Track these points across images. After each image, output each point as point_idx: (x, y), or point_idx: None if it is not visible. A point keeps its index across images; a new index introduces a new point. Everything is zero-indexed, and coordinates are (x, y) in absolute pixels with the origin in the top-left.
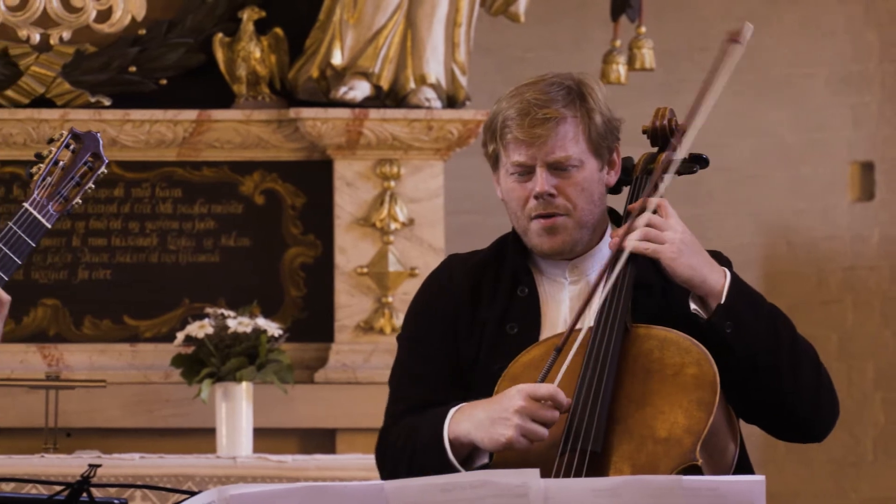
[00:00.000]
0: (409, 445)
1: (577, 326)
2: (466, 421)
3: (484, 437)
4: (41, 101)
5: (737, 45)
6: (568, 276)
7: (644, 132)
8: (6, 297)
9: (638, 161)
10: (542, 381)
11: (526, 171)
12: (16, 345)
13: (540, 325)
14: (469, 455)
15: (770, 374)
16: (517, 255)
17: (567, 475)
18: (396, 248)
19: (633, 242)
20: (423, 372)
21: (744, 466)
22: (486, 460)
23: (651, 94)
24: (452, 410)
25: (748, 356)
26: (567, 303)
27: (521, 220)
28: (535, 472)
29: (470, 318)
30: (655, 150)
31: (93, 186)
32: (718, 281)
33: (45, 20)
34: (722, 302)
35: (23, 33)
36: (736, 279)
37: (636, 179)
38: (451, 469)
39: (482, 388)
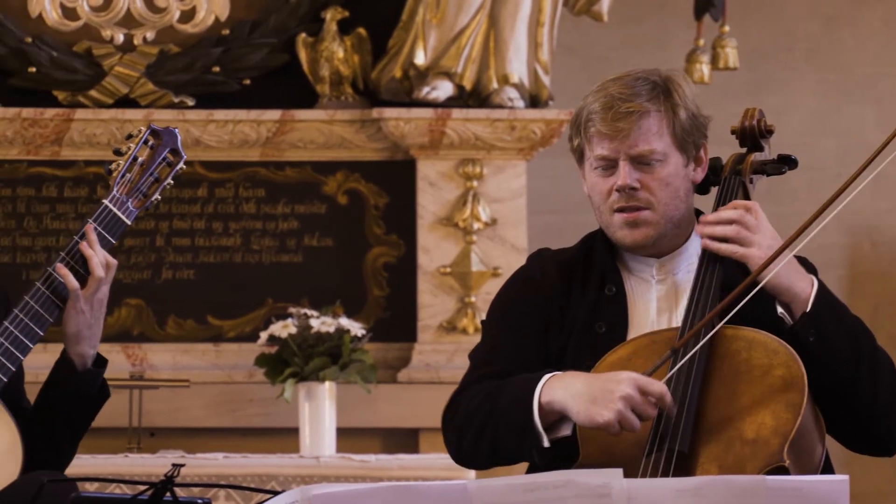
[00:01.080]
0: (487, 404)
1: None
2: (563, 389)
3: (580, 411)
4: (125, 102)
5: None
6: (655, 275)
7: (733, 132)
8: (113, 261)
9: (726, 161)
10: (650, 376)
11: (609, 165)
12: (100, 344)
13: (627, 324)
14: (554, 422)
15: (848, 386)
16: (605, 254)
17: (654, 475)
18: (479, 248)
19: (721, 245)
20: (508, 346)
21: (826, 467)
22: (568, 432)
23: (735, 93)
24: (547, 375)
25: (828, 366)
26: (654, 302)
27: (605, 213)
28: (619, 471)
29: (560, 313)
30: (744, 150)
31: (171, 182)
32: (805, 289)
33: (128, 20)
34: (807, 310)
35: (106, 34)
36: (822, 288)
37: (724, 180)
38: (531, 432)
39: None
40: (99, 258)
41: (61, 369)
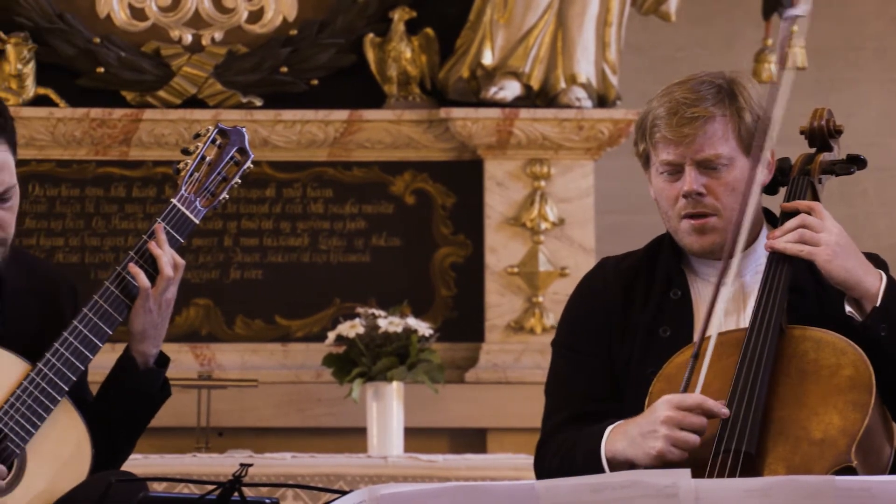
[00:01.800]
0: (566, 463)
1: (709, 331)
2: (621, 440)
3: (637, 453)
4: (193, 102)
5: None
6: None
7: (801, 133)
8: (181, 261)
9: (795, 162)
10: (684, 390)
11: (675, 171)
12: (168, 344)
13: (693, 328)
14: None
15: None
16: (671, 257)
17: (721, 476)
18: (547, 248)
19: (788, 244)
20: (580, 383)
21: (895, 467)
22: None
23: (803, 92)
24: (609, 429)
25: None
26: (721, 304)
27: (672, 219)
28: (686, 472)
29: (624, 322)
30: (813, 150)
31: (239, 182)
32: (874, 284)
33: (196, 21)
34: (878, 304)
35: (175, 34)
36: (892, 282)
37: (793, 181)
38: None
39: (636, 391)
40: (168, 257)
41: (124, 366)
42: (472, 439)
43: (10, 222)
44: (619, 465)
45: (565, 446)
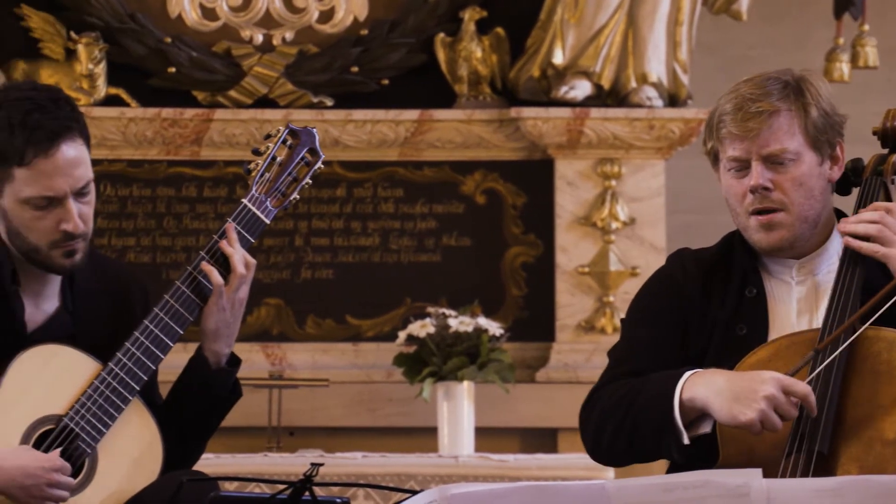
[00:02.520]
0: (626, 400)
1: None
2: (705, 386)
3: (722, 408)
4: (264, 102)
5: None
6: (795, 276)
7: (874, 133)
8: (252, 260)
9: (868, 162)
10: (792, 376)
11: (742, 166)
12: (240, 344)
13: (768, 326)
14: (694, 420)
15: None
16: (745, 255)
17: (793, 476)
18: (617, 248)
19: (863, 243)
20: (647, 344)
21: None
22: (708, 429)
23: (875, 91)
24: (689, 372)
25: None
26: (795, 303)
27: (741, 216)
28: (757, 472)
29: (701, 314)
30: (886, 151)
31: (309, 182)
32: None
33: (267, 21)
34: None
35: (245, 34)
36: None
37: (866, 181)
38: (671, 429)
39: None
40: (240, 256)
41: (195, 366)
42: (543, 439)
43: (89, 216)
44: (691, 409)
45: (626, 387)
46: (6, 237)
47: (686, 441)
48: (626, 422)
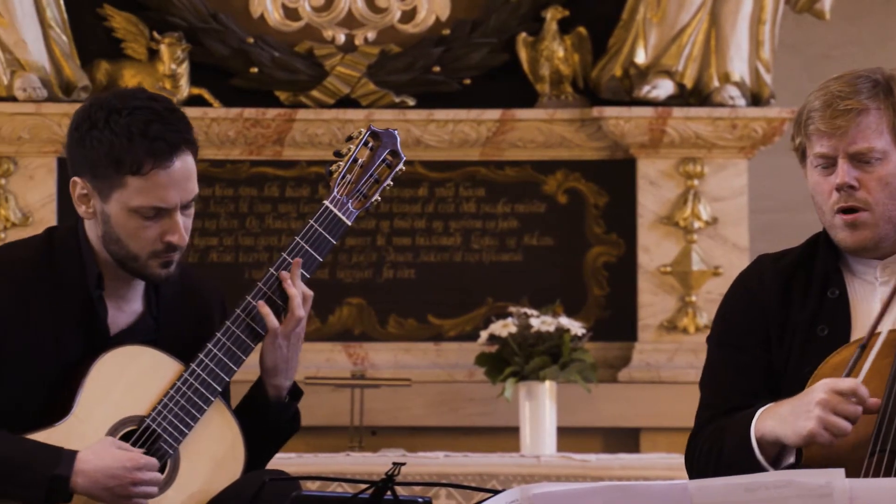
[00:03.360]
0: (716, 448)
1: (880, 327)
2: (771, 418)
3: (787, 431)
4: (346, 102)
5: None
6: (879, 276)
7: None
8: (309, 293)
9: None
10: (847, 376)
11: (829, 164)
12: (322, 343)
13: (850, 327)
14: (777, 455)
15: None
16: (828, 255)
17: (876, 475)
18: (700, 247)
19: None
20: (735, 379)
21: None
22: (792, 459)
23: None
24: (760, 410)
25: None
26: (878, 304)
27: (826, 214)
28: (840, 471)
29: (781, 321)
30: None
31: (391, 184)
32: None
33: (350, 21)
34: None
35: (328, 34)
36: None
37: None
38: (759, 469)
39: (791, 390)
40: (299, 298)
41: (255, 396)
42: (626, 439)
43: (189, 229)
44: (767, 445)
45: (715, 434)
46: (100, 242)
47: None
48: (720, 470)
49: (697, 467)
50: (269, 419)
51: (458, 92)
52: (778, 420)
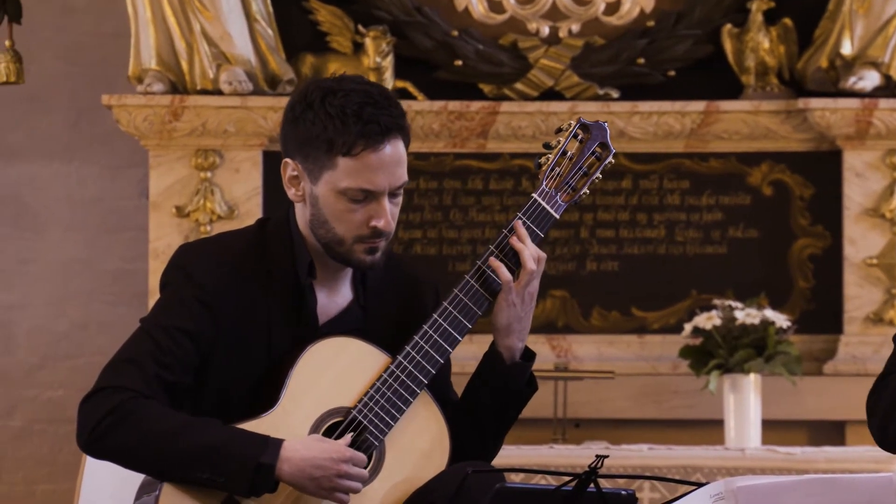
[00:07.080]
0: None
1: None
2: None
3: None
4: (550, 94)
5: None
6: None
7: None
8: (543, 255)
9: None
10: None
11: None
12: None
13: None
14: None
15: None
16: None
17: None
18: None
19: None
20: None
21: None
22: None
23: None
24: None
25: None
26: None
27: None
28: None
29: None
30: None
31: (600, 177)
32: None
33: (554, 13)
34: None
35: (532, 26)
36: None
37: None
38: None
39: None
40: (530, 251)
41: (490, 362)
42: (831, 432)
43: (396, 217)
44: None
45: None
46: (309, 226)
47: None
48: None
49: (885, 404)
50: (506, 382)
51: (663, 84)
52: None
